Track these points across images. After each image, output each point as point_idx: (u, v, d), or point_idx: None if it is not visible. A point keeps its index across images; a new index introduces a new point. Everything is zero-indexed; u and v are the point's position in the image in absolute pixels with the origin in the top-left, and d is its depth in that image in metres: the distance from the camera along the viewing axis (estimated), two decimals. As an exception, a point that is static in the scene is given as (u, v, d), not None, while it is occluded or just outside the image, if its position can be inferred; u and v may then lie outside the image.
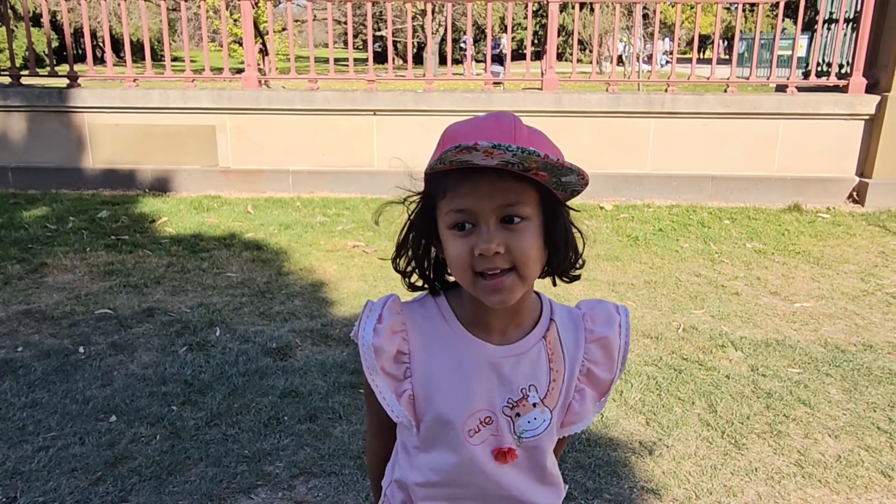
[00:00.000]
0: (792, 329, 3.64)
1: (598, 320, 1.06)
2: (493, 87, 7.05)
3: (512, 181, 0.89)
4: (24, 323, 3.59)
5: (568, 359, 1.04)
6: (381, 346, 1.00)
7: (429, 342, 1.02)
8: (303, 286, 4.17)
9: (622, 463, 2.45)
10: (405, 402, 1.02)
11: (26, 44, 6.81)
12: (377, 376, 1.01)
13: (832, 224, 5.69)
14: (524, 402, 1.02)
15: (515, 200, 0.90)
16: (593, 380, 1.06)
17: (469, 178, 0.89)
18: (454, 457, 1.03)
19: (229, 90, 6.67)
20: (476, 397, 1.01)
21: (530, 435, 1.03)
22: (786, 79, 6.60)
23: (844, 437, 2.63)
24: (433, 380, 1.01)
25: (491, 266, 0.91)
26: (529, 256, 0.92)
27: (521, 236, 0.91)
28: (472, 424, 1.01)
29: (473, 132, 0.90)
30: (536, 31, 21.15)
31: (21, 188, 6.53)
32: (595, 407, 1.09)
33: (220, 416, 2.71)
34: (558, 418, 1.06)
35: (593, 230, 5.45)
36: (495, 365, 1.00)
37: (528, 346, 1.02)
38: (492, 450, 1.02)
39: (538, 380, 1.02)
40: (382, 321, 1.00)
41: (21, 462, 2.41)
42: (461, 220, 0.92)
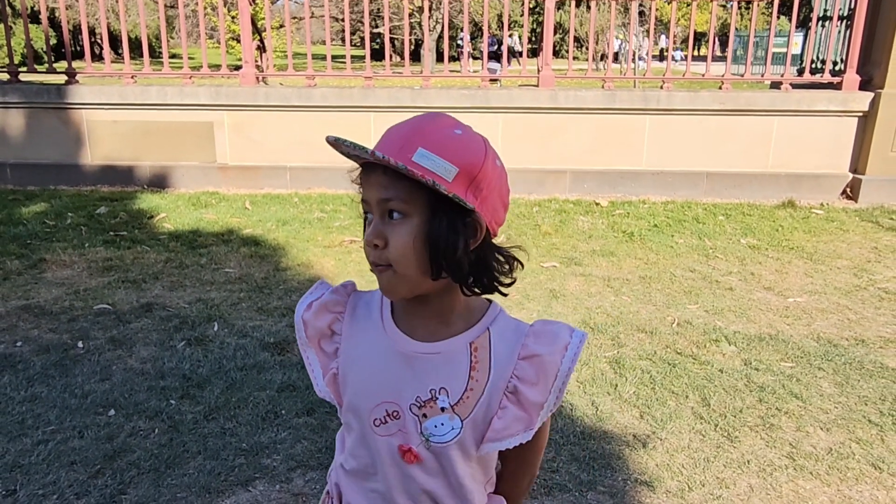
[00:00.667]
0: (785, 324, 3.66)
1: (541, 338, 1.00)
2: (489, 84, 7.05)
3: (401, 179, 0.90)
4: (23, 318, 3.59)
5: (494, 370, 0.99)
6: (309, 321, 1.04)
7: (359, 327, 1.04)
8: (300, 281, 4.17)
9: (616, 455, 2.47)
10: (329, 380, 1.06)
11: (24, 40, 6.79)
12: (308, 349, 1.06)
13: (826, 220, 5.71)
14: (432, 404, 0.98)
15: (394, 196, 0.91)
16: (522, 400, 0.99)
17: (369, 170, 0.94)
18: (362, 443, 1.04)
19: (227, 87, 6.66)
20: (384, 387, 1.00)
21: (437, 441, 0.99)
22: (780, 76, 6.61)
23: (836, 430, 2.65)
24: (352, 363, 1.04)
25: (374, 259, 0.94)
26: (400, 252, 0.92)
27: (395, 232, 0.92)
28: (377, 414, 1.00)
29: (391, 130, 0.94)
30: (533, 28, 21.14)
31: (20, 184, 6.51)
32: (520, 429, 1.00)
33: (219, 409, 2.72)
34: (473, 431, 0.99)
35: (589, 226, 5.46)
36: (410, 359, 0.99)
37: (450, 348, 0.99)
38: (398, 445, 1.00)
39: (451, 384, 0.98)
40: (321, 299, 1.05)
41: (21, 455, 2.41)
42: (364, 210, 0.96)
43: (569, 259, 4.67)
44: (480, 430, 1.00)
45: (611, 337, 3.45)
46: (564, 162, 6.46)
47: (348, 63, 6.83)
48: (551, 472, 2.35)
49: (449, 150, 0.91)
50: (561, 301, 3.92)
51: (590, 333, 3.49)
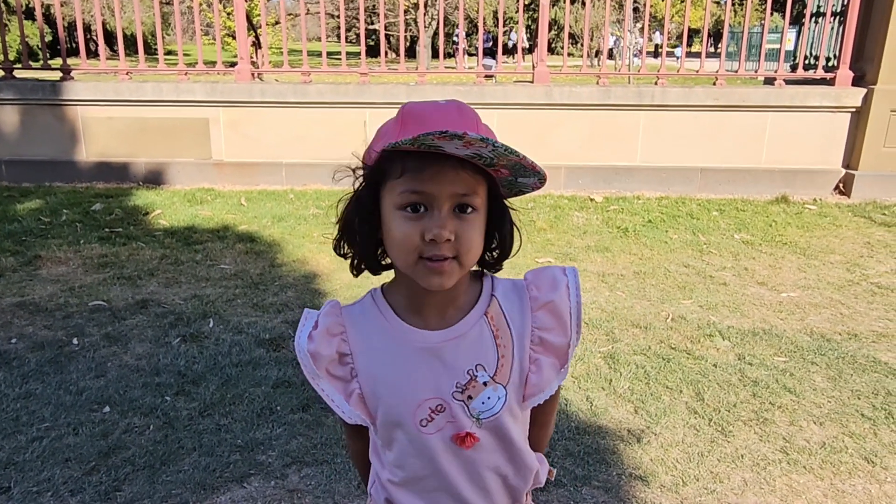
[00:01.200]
0: (778, 318, 3.66)
1: (543, 286, 1.03)
2: (484, 81, 7.03)
3: (470, 172, 0.90)
4: (18, 315, 3.56)
5: (515, 331, 1.01)
6: (317, 351, 1.00)
7: (369, 339, 1.01)
8: (296, 278, 4.16)
9: (611, 451, 2.46)
10: (355, 402, 1.02)
11: (19, 37, 6.74)
12: (321, 381, 1.02)
13: (819, 215, 5.72)
14: (473, 384, 0.99)
15: (472, 191, 0.91)
16: (548, 347, 1.02)
17: (432, 161, 0.88)
18: (412, 449, 1.02)
19: (223, 83, 6.62)
20: (420, 387, 0.99)
21: (489, 415, 1.00)
22: (774, 72, 6.61)
23: (829, 424, 2.64)
24: (377, 376, 1.00)
25: (437, 252, 0.91)
26: (473, 246, 0.93)
27: (470, 226, 0.92)
28: (422, 414, 0.99)
29: (438, 117, 0.90)
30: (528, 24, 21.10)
31: (14, 181, 6.47)
32: (557, 375, 1.04)
33: (214, 406, 2.71)
34: (516, 393, 1.02)
35: (584, 221, 5.46)
36: (435, 350, 0.98)
37: (469, 327, 0.99)
38: (452, 436, 1.00)
39: (485, 358, 0.99)
40: (318, 326, 1.01)
41: (15, 452, 2.40)
42: (416, 202, 0.91)
43: (563, 254, 4.66)
44: (520, 390, 1.02)
45: (605, 332, 3.45)
46: (559, 158, 6.45)
47: (344, 59, 6.80)
48: (546, 467, 2.34)
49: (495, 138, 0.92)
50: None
51: (584, 329, 3.48)
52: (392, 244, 0.95)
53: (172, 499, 2.18)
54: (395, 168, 0.91)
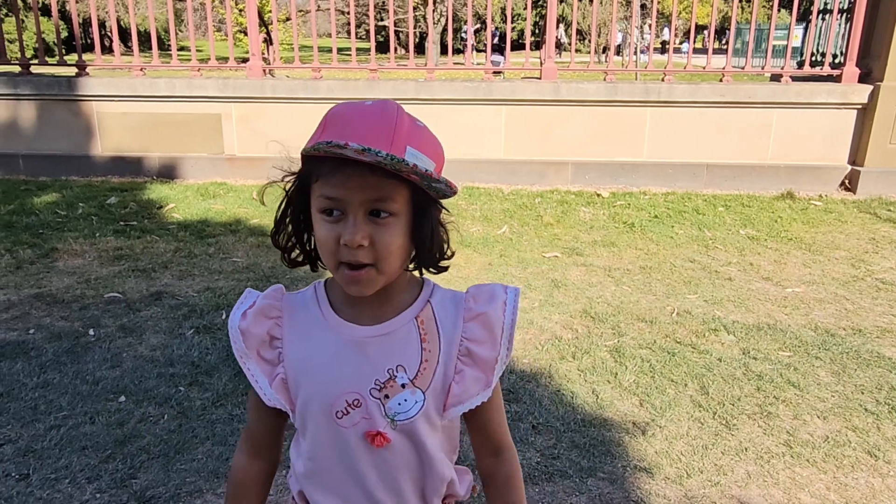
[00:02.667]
0: (783, 313, 3.65)
1: (480, 299, 1.02)
2: (492, 77, 7.01)
3: (383, 177, 0.87)
4: (35, 306, 3.60)
5: (444, 338, 1.00)
6: (247, 329, 1.00)
7: (300, 327, 1.01)
8: (306, 271, 4.12)
9: (616, 443, 2.47)
10: (277, 386, 1.01)
11: (36, 33, 6.77)
12: (249, 360, 1.01)
13: (824, 211, 5.68)
14: (392, 383, 0.98)
15: (384, 196, 0.89)
16: (475, 359, 1.00)
17: (342, 168, 0.87)
18: (326, 439, 1.01)
19: (234, 79, 6.64)
20: (341, 379, 0.98)
21: (403, 417, 0.99)
22: (781, 68, 6.56)
23: (832, 419, 2.64)
24: (301, 363, 1.00)
25: (353, 259, 0.90)
26: (391, 252, 0.91)
27: (387, 231, 0.90)
28: (339, 406, 0.98)
29: (355, 121, 0.89)
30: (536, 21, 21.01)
31: (32, 175, 6.52)
32: (480, 391, 1.01)
33: (226, 396, 2.73)
34: (436, 400, 1.00)
35: (591, 217, 5.45)
36: (361, 345, 0.98)
37: (397, 327, 0.99)
38: (364, 432, 0.99)
39: (407, 360, 0.98)
40: (255, 306, 1.01)
41: (33, 440, 2.42)
42: (330, 207, 0.90)
43: (570, 249, 4.66)
44: (441, 398, 1.00)
45: (611, 326, 3.45)
46: (566, 153, 6.43)
47: (353, 55, 6.80)
48: (552, 459, 2.35)
49: (426, 145, 0.91)
50: (562, 290, 3.91)
51: (591, 323, 3.49)
52: (318, 247, 0.95)
53: (186, 486, 2.20)
54: (313, 172, 0.91)
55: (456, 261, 1.05)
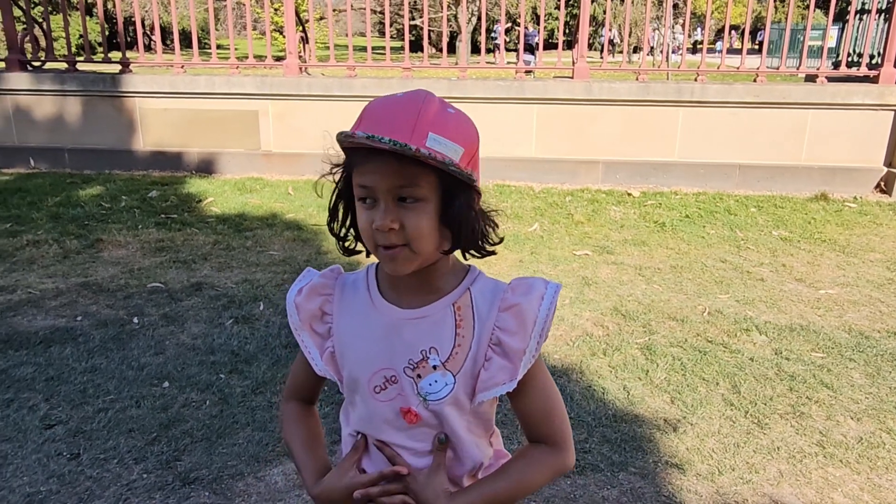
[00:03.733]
0: (816, 315, 3.60)
1: (518, 290, 1.03)
2: (524, 76, 7.01)
3: (409, 164, 0.91)
4: (82, 294, 3.70)
5: (478, 325, 1.02)
6: (301, 304, 1.08)
7: (348, 305, 1.08)
8: (340, 264, 4.21)
9: (647, 439, 2.47)
10: (327, 359, 1.09)
11: (81, 32, 6.93)
12: (303, 332, 1.09)
13: (859, 213, 5.58)
14: (424, 364, 1.02)
15: (409, 182, 0.92)
16: (504, 348, 1.02)
17: (372, 157, 0.92)
18: (365, 411, 1.07)
19: (271, 77, 6.73)
20: (379, 356, 1.04)
21: (434, 398, 1.03)
22: (816, 69, 6.45)
23: (866, 420, 2.61)
24: (347, 338, 1.07)
25: (386, 241, 0.95)
26: (421, 234, 0.95)
27: (414, 215, 0.94)
28: (376, 381, 1.04)
29: (384, 112, 0.94)
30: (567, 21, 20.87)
31: (77, 168, 6.69)
32: (505, 378, 1.02)
33: (265, 384, 2.78)
34: (466, 385, 1.03)
35: (621, 216, 5.42)
36: (398, 326, 1.03)
37: (434, 311, 1.02)
38: (399, 408, 1.04)
39: (440, 343, 1.02)
40: (309, 283, 1.09)
41: (83, 422, 2.50)
42: (364, 195, 0.96)
43: (601, 248, 4.65)
44: (470, 383, 1.03)
45: (642, 324, 3.44)
46: (597, 153, 6.41)
47: (388, 54, 6.84)
48: (584, 453, 2.36)
49: (452, 131, 0.94)
50: (593, 288, 3.91)
51: (622, 321, 3.48)
52: (360, 232, 1.01)
53: (228, 469, 2.26)
54: (350, 162, 0.97)
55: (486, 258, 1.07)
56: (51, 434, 2.43)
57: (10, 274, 3.98)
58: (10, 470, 2.24)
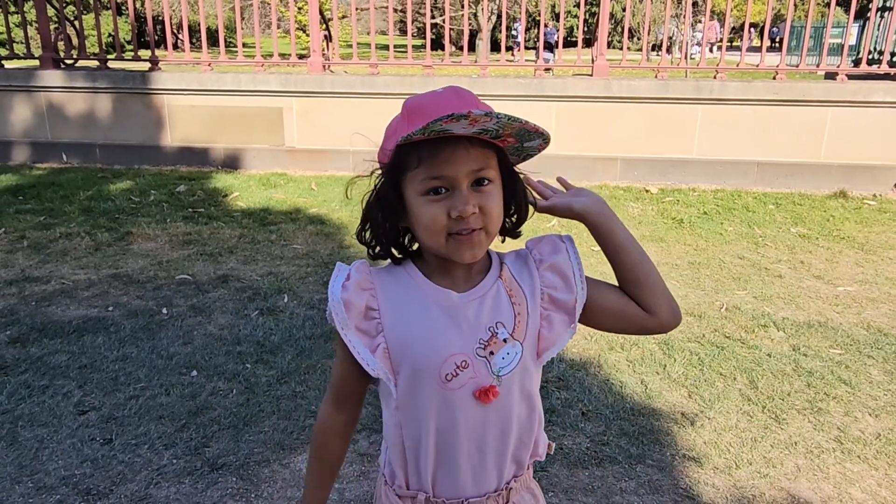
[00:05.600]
0: (834, 312, 3.56)
1: (545, 251, 1.08)
2: (544, 74, 6.98)
3: (480, 148, 0.94)
4: (113, 285, 3.76)
5: (527, 290, 1.05)
6: (350, 300, 1.01)
7: (397, 297, 1.03)
8: (362, 258, 4.24)
9: (665, 432, 2.46)
10: (380, 356, 1.02)
11: (112, 30, 7.02)
12: (350, 332, 1.02)
13: (878, 211, 5.49)
14: (495, 340, 1.01)
15: (485, 164, 0.96)
16: (557, 304, 1.06)
17: (444, 146, 0.92)
18: (434, 404, 1.02)
19: (296, 74, 6.77)
20: (446, 343, 1.00)
21: (507, 370, 1.02)
22: (836, 66, 6.34)
23: (885, 417, 2.57)
24: (405, 331, 1.01)
25: (465, 226, 0.95)
26: (495, 214, 0.98)
27: (490, 197, 0.97)
28: (448, 369, 1.00)
29: (439, 105, 0.93)
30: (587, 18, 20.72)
31: (107, 163, 6.78)
32: (566, 331, 1.06)
33: (290, 374, 2.81)
34: (530, 349, 1.04)
35: (639, 212, 5.38)
36: (459, 309, 1.01)
37: (487, 288, 1.03)
38: (473, 391, 1.01)
39: (503, 316, 1.02)
40: (350, 279, 1.03)
41: (115, 409, 2.55)
42: (438, 186, 0.94)
43: (619, 243, 4.61)
44: (534, 345, 1.05)
45: (660, 319, 3.41)
46: (616, 150, 6.36)
47: (409, 52, 6.85)
48: (602, 445, 2.36)
49: None
50: (611, 283, 3.88)
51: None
52: (421, 228, 0.98)
53: (255, 456, 2.29)
54: (411, 160, 0.94)
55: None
56: (84, 420, 2.48)
57: (45, 265, 4.05)
58: (46, 454, 2.29)
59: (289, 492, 2.13)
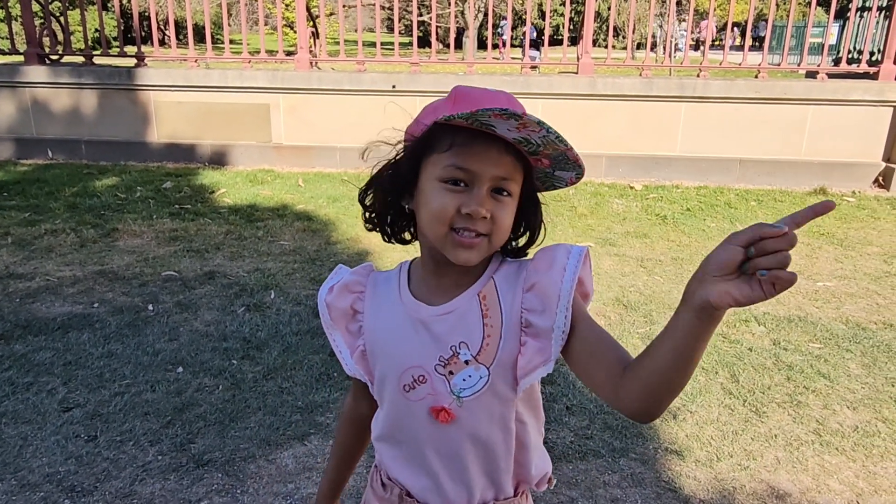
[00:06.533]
0: (814, 307, 3.59)
1: (540, 266, 0.95)
2: (530, 71, 6.98)
3: (513, 157, 0.90)
4: (98, 282, 3.72)
5: (505, 312, 0.96)
6: (332, 303, 1.04)
7: (378, 303, 1.03)
8: (349, 255, 4.23)
9: (648, 426, 2.47)
10: (357, 358, 1.04)
11: (98, 26, 6.93)
12: (334, 331, 1.05)
13: (857, 207, 5.55)
14: (455, 360, 0.96)
15: (510, 176, 0.92)
16: (535, 330, 0.94)
17: (480, 140, 0.88)
18: (395, 411, 1.03)
19: (283, 71, 6.72)
20: (408, 355, 0.99)
21: (469, 393, 0.96)
22: (816, 65, 6.40)
23: (862, 409, 2.60)
24: (377, 337, 1.03)
25: (472, 227, 0.90)
26: (504, 228, 0.94)
27: (505, 209, 0.93)
28: (406, 380, 0.99)
29: (489, 100, 0.90)
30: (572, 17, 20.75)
31: (93, 159, 6.70)
32: (541, 361, 0.95)
33: (276, 370, 2.80)
34: (503, 375, 0.96)
35: (623, 208, 5.40)
36: (426, 324, 0.98)
37: (459, 305, 0.97)
38: (430, 407, 0.98)
39: (469, 337, 0.96)
40: (341, 281, 1.05)
41: (100, 405, 2.52)
42: (459, 177, 0.90)
43: (603, 240, 4.64)
44: (510, 373, 0.96)
45: (643, 314, 3.43)
46: (600, 147, 6.38)
47: (396, 49, 6.82)
48: (585, 439, 2.37)
49: None
50: (595, 279, 3.87)
51: (623, 311, 3.47)
52: (426, 214, 0.93)
53: (241, 452, 2.27)
54: (443, 142, 0.90)
55: None
56: (69, 417, 2.45)
57: (29, 262, 4.00)
58: (30, 451, 2.26)
59: (275, 487, 2.12)
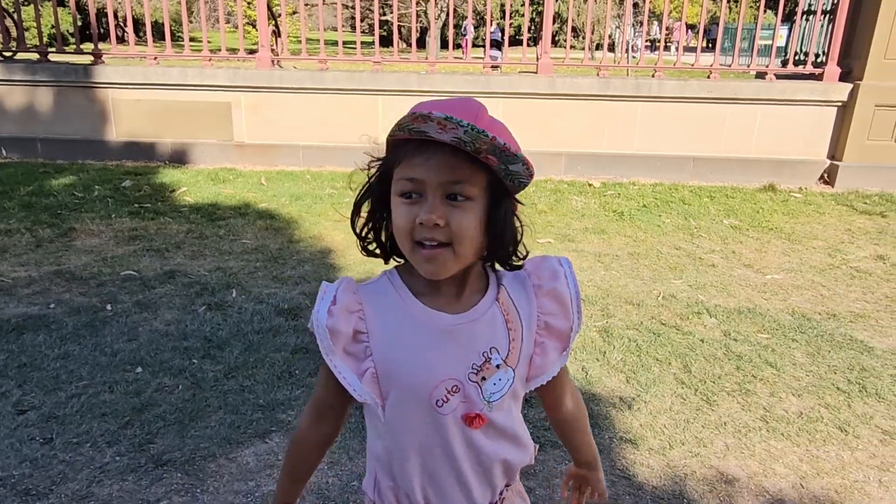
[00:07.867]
0: (763, 298, 3.69)
1: (544, 276, 1.03)
2: (490, 71, 7.01)
3: (464, 161, 0.87)
4: (55, 282, 3.62)
5: (523, 316, 1.01)
6: (336, 328, 0.95)
7: (386, 318, 0.97)
8: (312, 253, 4.20)
9: (604, 416, 2.51)
10: (368, 381, 0.97)
11: (53, 22, 6.73)
12: (335, 358, 0.96)
13: (804, 203, 5.72)
14: (488, 366, 0.97)
15: (462, 179, 0.88)
16: (553, 331, 1.03)
17: (424, 149, 0.87)
18: (423, 428, 0.98)
19: (244, 69, 6.62)
20: (439, 367, 0.96)
21: (497, 397, 0.99)
22: (765, 66, 6.56)
23: (807, 396, 2.69)
24: (394, 355, 0.96)
25: (429, 236, 0.89)
26: (466, 235, 0.90)
27: (462, 214, 0.89)
28: (438, 395, 0.96)
29: (439, 107, 0.87)
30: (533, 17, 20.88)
31: (49, 158, 6.50)
32: (559, 358, 1.04)
33: (237, 369, 2.76)
34: (521, 375, 1.02)
35: (582, 205, 5.47)
36: (452, 333, 0.96)
37: (483, 311, 0.98)
38: (462, 416, 0.98)
39: (498, 341, 0.98)
40: (337, 303, 0.96)
41: (56, 407, 2.45)
42: (409, 189, 0.90)
43: (563, 236, 4.69)
44: (525, 373, 1.03)
45: (600, 308, 3.48)
46: (560, 145, 6.45)
47: (358, 48, 6.78)
48: (544, 430, 2.39)
49: (505, 134, 0.89)
50: (555, 274, 3.94)
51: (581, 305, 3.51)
52: (395, 230, 0.93)
53: (201, 451, 2.24)
54: (397, 157, 0.91)
55: None
56: (23, 419, 2.38)
57: (-18, 262, 3.87)
58: (-17, 455, 2.19)
59: (235, 485, 2.10)
